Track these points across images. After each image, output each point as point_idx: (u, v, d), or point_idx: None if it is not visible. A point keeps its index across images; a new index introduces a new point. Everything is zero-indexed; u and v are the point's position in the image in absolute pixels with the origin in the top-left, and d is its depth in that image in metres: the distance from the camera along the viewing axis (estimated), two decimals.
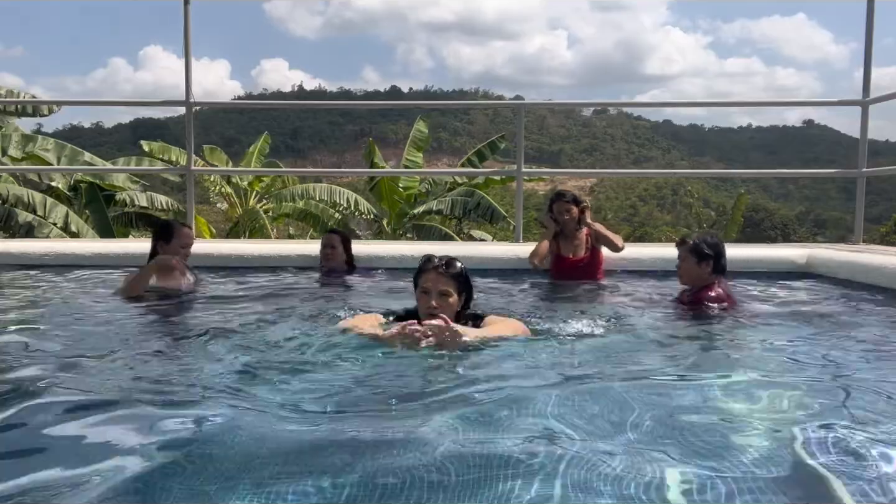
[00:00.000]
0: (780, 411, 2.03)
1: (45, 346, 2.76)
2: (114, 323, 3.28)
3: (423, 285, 2.73)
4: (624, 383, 2.22)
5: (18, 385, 2.17)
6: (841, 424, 1.89)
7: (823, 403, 2.11)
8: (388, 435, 1.72)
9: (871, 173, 5.98)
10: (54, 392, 2.10)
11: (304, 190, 15.72)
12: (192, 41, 6.20)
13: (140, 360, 2.52)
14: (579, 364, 2.48)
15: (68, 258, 5.20)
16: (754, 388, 2.26)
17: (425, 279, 2.73)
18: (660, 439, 1.74)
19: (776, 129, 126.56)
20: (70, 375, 2.31)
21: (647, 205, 72.88)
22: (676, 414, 1.94)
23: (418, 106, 15.81)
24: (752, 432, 1.84)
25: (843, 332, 3.16)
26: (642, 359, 2.62)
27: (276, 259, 5.21)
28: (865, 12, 5.80)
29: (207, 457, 1.63)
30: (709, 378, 2.36)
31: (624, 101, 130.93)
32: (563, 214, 4.83)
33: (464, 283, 2.78)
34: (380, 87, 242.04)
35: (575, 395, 2.06)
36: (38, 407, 1.96)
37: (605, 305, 4.12)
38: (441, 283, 2.71)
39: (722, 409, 2.04)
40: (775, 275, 4.86)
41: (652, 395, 2.11)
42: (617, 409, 1.95)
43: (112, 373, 2.36)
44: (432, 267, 2.73)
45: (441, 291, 2.70)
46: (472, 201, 15.25)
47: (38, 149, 12.81)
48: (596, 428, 1.81)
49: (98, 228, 13.02)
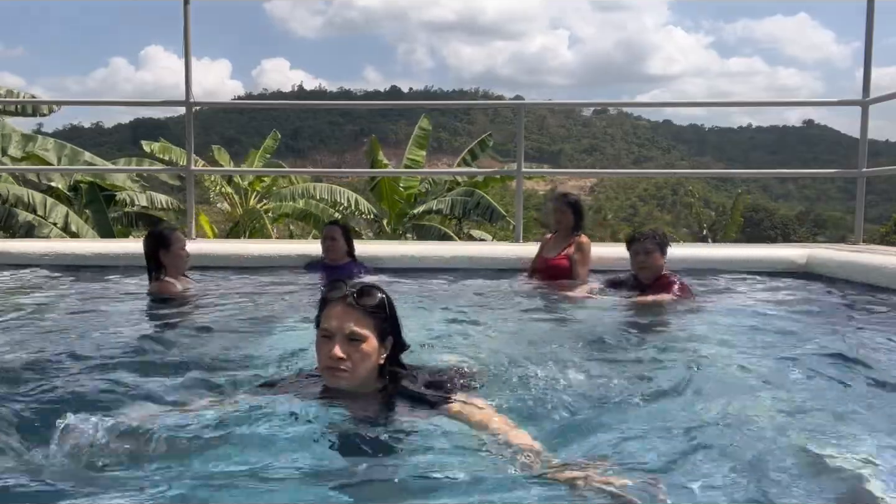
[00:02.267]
0: (771, 409, 2.03)
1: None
2: (111, 325, 3.28)
3: (323, 325, 1.85)
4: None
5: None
6: (839, 427, 1.90)
7: (822, 403, 2.11)
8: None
9: (871, 173, 5.98)
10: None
11: (304, 189, 15.74)
12: (193, 41, 6.21)
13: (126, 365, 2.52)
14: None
15: (68, 258, 5.20)
16: (740, 384, 2.26)
17: (328, 316, 1.85)
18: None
19: (776, 129, 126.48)
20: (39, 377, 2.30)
21: (647, 205, 72.82)
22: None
23: (418, 106, 15.85)
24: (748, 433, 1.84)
25: (840, 332, 3.16)
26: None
27: (276, 259, 5.21)
28: (865, 12, 5.80)
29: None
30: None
31: (624, 101, 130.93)
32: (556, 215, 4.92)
33: (386, 321, 1.90)
34: (381, 86, 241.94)
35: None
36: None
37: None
38: (350, 321, 1.83)
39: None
40: (775, 275, 4.86)
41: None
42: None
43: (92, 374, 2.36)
44: (338, 297, 1.86)
45: (350, 334, 1.83)
46: (471, 201, 15.24)
47: (38, 149, 12.81)
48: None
49: (98, 228, 13.01)
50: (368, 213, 16.45)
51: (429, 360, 2.35)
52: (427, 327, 3.06)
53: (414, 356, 2.14)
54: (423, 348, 2.57)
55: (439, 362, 2.38)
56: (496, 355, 2.59)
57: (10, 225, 11.82)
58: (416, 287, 4.45)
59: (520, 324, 3.44)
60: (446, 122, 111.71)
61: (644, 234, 4.10)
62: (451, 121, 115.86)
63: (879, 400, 2.16)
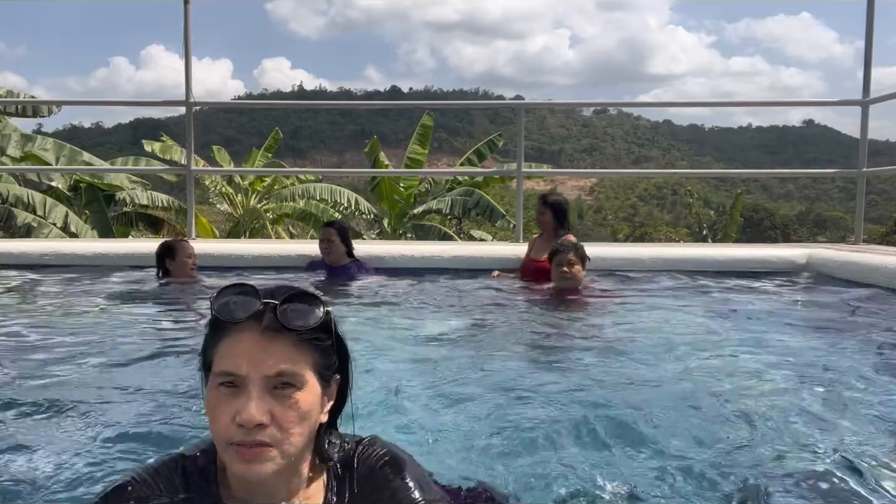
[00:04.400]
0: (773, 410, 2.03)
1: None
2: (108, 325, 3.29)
3: (223, 368, 1.05)
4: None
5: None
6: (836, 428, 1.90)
7: (820, 404, 2.11)
8: None
9: (871, 173, 5.98)
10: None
11: (304, 189, 15.74)
12: (195, 41, 6.21)
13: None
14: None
15: (69, 258, 5.20)
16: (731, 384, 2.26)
17: (231, 352, 1.05)
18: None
19: (776, 129, 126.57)
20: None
21: (647, 205, 72.88)
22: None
23: (417, 106, 15.84)
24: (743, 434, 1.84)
25: (841, 332, 3.16)
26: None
27: (276, 259, 5.21)
28: (865, 12, 5.80)
29: None
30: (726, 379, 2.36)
31: (624, 100, 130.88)
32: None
33: (331, 353, 1.12)
34: (383, 86, 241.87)
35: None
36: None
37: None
38: (273, 357, 1.04)
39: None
40: (775, 275, 4.86)
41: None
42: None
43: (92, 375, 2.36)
44: (248, 317, 1.06)
45: (279, 375, 1.04)
46: (471, 201, 15.24)
47: (38, 149, 12.81)
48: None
49: (98, 228, 13.01)
50: (368, 213, 16.45)
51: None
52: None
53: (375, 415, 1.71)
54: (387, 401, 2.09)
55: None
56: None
57: (10, 225, 11.82)
58: (405, 289, 4.45)
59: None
60: (446, 123, 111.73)
61: (565, 246, 4.18)
62: (451, 121, 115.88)
63: (880, 400, 2.15)
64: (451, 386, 2.26)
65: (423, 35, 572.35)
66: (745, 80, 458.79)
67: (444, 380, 2.33)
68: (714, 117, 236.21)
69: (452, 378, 2.34)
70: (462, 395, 2.14)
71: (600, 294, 4.25)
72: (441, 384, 2.27)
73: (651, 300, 4.09)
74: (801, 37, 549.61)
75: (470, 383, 2.29)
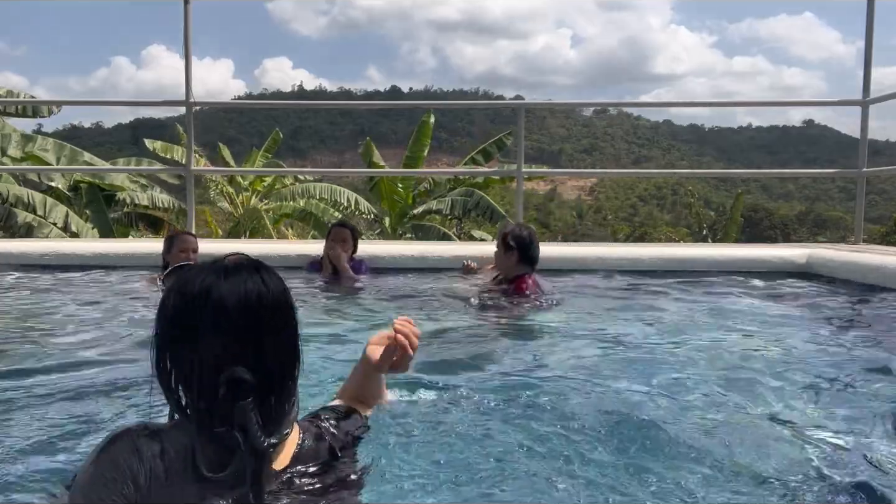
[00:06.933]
0: (778, 412, 2.03)
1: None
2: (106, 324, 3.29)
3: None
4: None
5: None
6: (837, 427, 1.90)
7: (821, 404, 2.11)
8: None
9: (871, 173, 5.98)
10: None
11: (304, 189, 15.75)
12: (196, 41, 6.22)
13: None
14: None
15: (69, 258, 5.20)
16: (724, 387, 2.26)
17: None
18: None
19: (776, 129, 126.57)
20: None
21: (647, 205, 72.90)
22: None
23: (417, 106, 15.83)
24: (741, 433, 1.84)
25: (841, 332, 3.16)
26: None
27: (276, 259, 5.20)
28: (865, 12, 5.80)
29: None
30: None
31: (624, 100, 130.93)
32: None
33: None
34: (384, 86, 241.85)
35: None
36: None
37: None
38: None
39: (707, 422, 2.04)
40: (775, 275, 4.86)
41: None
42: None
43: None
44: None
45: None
46: (471, 201, 15.25)
47: (38, 149, 12.82)
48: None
49: (98, 228, 13.02)
50: (368, 213, 16.46)
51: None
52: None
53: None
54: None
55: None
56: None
57: (10, 225, 11.83)
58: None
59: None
60: (446, 123, 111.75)
61: (505, 231, 3.91)
62: (451, 121, 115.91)
63: (881, 400, 2.16)
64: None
65: (425, 34, 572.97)
66: (748, 81, 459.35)
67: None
68: (714, 117, 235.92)
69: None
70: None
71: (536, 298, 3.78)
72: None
73: (642, 299, 4.08)
74: (803, 37, 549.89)
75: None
